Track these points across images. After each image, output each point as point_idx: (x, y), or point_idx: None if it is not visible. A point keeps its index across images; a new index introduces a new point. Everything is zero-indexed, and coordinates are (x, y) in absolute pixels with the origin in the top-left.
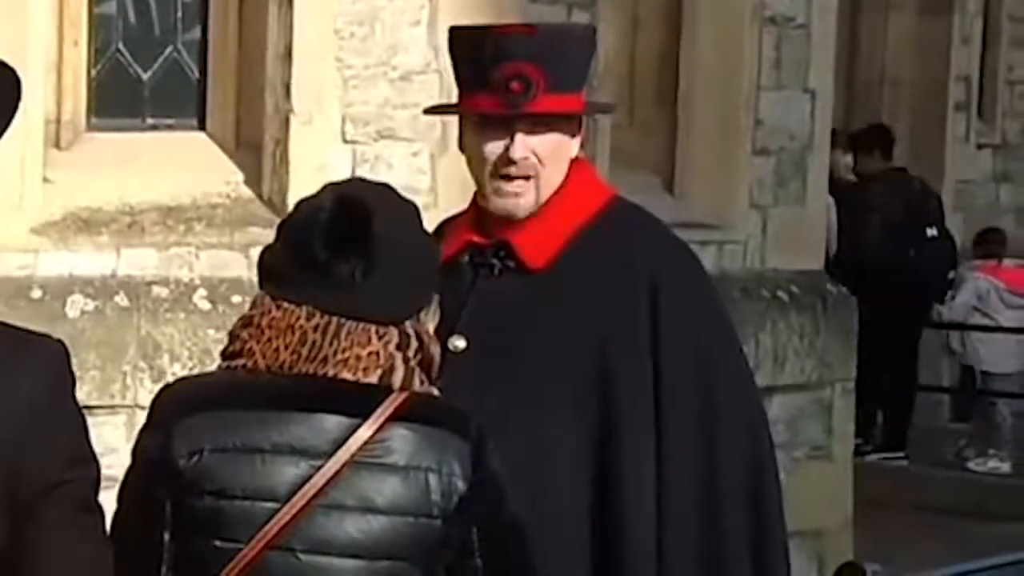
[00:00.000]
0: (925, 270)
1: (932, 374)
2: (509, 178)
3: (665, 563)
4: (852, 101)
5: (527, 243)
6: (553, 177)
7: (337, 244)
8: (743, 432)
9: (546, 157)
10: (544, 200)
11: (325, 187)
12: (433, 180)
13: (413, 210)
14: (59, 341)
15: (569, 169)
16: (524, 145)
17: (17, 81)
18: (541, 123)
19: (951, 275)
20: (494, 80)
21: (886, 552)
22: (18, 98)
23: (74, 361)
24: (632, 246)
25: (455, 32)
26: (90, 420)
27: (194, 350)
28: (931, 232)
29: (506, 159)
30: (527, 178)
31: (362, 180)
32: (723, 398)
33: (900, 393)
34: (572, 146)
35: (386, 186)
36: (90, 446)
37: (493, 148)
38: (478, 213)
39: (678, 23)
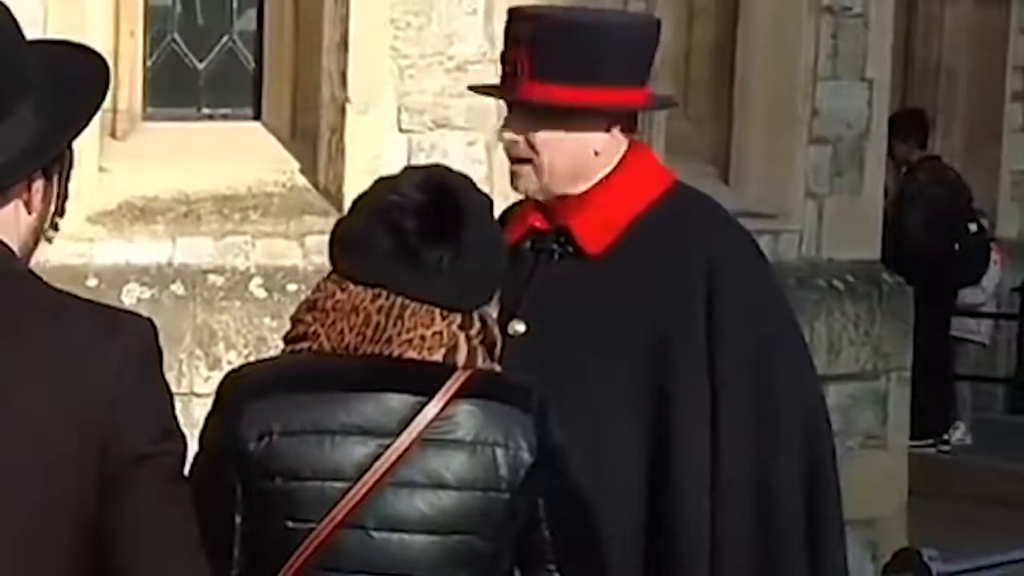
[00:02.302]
0: (965, 263)
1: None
2: (513, 160)
3: (719, 538)
4: (908, 90)
5: (586, 229)
6: (557, 165)
7: (430, 231)
8: (800, 410)
9: (540, 145)
10: (554, 186)
11: (407, 170)
12: (489, 169)
13: (491, 203)
14: (147, 318)
15: (627, 154)
16: (511, 130)
17: (105, 68)
18: (532, 110)
19: (986, 268)
20: (502, 62)
21: (940, 542)
22: (106, 85)
23: None
24: (689, 233)
25: (508, 13)
26: None
27: (249, 338)
28: (973, 227)
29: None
30: (525, 161)
31: (446, 168)
32: (780, 386)
33: (937, 381)
34: (583, 139)
35: (466, 177)
36: (177, 421)
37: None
38: (541, 200)
39: (734, 13)
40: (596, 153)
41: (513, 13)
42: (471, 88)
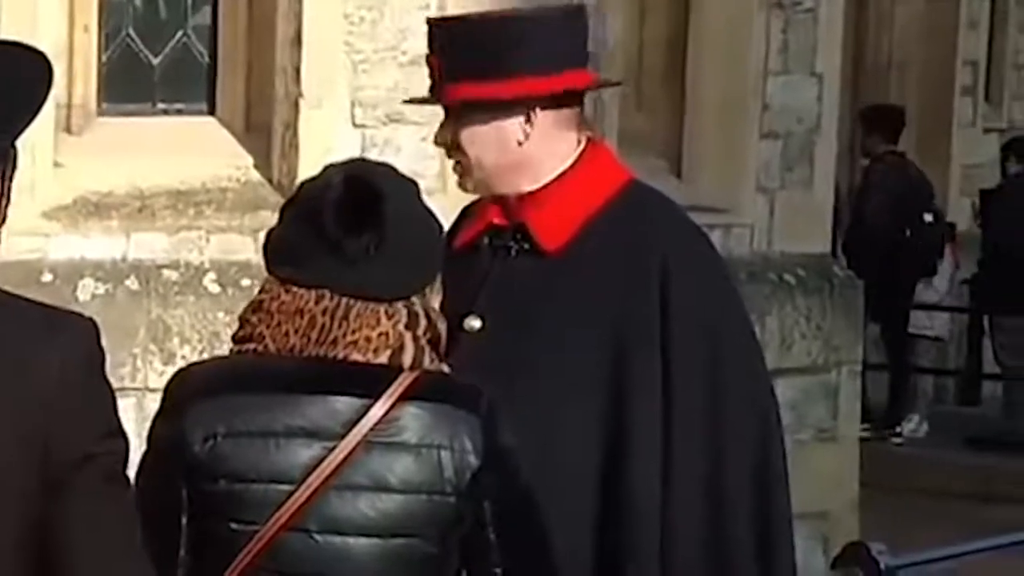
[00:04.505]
0: (918, 254)
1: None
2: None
3: (669, 533)
4: (859, 85)
5: (543, 226)
6: (484, 160)
7: (349, 220)
8: (752, 407)
9: (464, 143)
10: (490, 181)
11: (327, 168)
12: (442, 165)
13: (415, 187)
14: (89, 318)
15: (584, 151)
16: (438, 133)
17: (48, 67)
18: (455, 111)
19: (939, 261)
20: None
21: (891, 535)
22: (49, 84)
23: None
24: (644, 230)
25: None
26: None
27: (204, 333)
28: (928, 218)
29: None
30: (458, 161)
31: (364, 160)
32: (732, 383)
33: (894, 372)
34: (502, 130)
35: (387, 165)
36: (119, 421)
37: None
38: (498, 196)
39: (686, 7)
40: (520, 143)
41: (429, 23)
42: (406, 102)
